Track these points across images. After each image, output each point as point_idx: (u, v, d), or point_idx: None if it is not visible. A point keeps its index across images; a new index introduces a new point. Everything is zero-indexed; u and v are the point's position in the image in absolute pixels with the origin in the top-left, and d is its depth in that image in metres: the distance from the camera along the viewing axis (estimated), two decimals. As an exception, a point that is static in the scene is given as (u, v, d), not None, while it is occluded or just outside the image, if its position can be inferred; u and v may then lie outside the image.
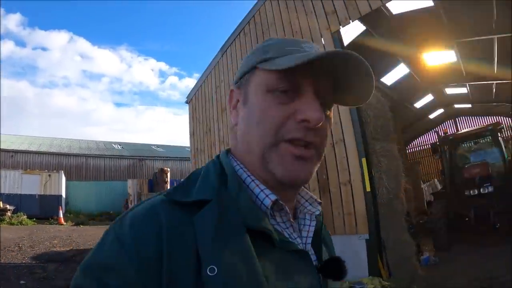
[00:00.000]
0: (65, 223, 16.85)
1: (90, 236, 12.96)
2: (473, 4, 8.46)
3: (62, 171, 20.12)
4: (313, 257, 0.73)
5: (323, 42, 6.29)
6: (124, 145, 30.78)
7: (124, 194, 21.02)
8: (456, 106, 19.67)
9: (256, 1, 7.86)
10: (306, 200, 0.78)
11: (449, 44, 10.91)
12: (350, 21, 5.85)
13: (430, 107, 18.25)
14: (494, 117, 22.42)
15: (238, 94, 0.75)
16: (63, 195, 19.35)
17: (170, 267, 0.54)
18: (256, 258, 0.57)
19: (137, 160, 27.28)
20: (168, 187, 21.87)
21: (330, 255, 0.80)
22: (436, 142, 10.90)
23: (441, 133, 11.74)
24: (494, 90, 15.91)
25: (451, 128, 22.30)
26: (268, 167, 0.67)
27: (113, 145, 30.09)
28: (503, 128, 10.49)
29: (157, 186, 21.24)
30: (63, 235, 12.74)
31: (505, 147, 9.81)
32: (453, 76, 13.83)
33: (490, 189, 7.90)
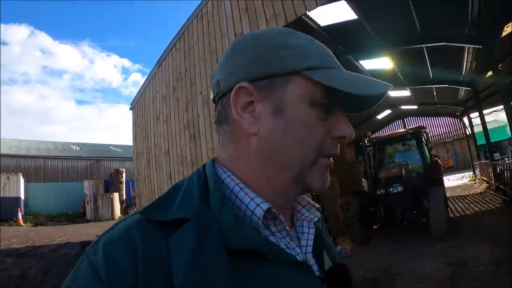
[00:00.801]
0: (24, 224, 17.26)
1: (46, 235, 13.62)
2: (393, 14, 9.05)
3: (20, 173, 20.34)
4: (315, 267, 0.69)
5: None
6: (82, 145, 31.06)
7: (82, 194, 21.39)
8: (403, 107, 20.55)
9: (185, 20, 8.65)
10: (303, 206, 0.74)
11: (380, 52, 11.59)
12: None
13: (377, 108, 18.78)
14: (442, 117, 23.82)
15: (258, 97, 0.64)
16: (22, 197, 19.61)
17: None
18: (239, 283, 0.53)
19: (94, 161, 27.69)
20: (124, 188, 22.66)
21: (333, 262, 0.77)
22: (360, 144, 11.76)
23: (366, 136, 12.49)
24: (435, 93, 16.85)
25: (399, 127, 23.67)
26: (304, 182, 0.66)
27: (71, 146, 30.33)
28: (425, 131, 11.27)
29: (112, 187, 22.06)
30: (21, 235, 13.39)
31: (430, 149, 10.71)
32: (391, 80, 13.88)
33: (400, 189, 8.56)
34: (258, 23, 6.62)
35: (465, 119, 20.08)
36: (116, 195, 20.44)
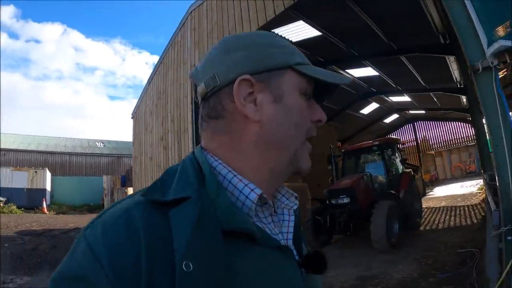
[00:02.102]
0: (47, 213, 20.42)
1: (62, 221, 16.66)
2: (352, 28, 9.66)
3: (47, 168, 23.81)
4: (294, 252, 0.75)
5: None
6: (106, 143, 34.32)
7: (103, 188, 24.65)
8: (412, 111, 21.31)
9: (164, 46, 10.69)
10: (283, 195, 0.80)
11: (360, 62, 12.35)
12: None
13: (381, 113, 20.10)
14: (452, 122, 24.01)
15: (259, 88, 0.72)
16: (48, 188, 23.06)
17: (150, 276, 0.53)
18: (232, 259, 0.58)
19: (115, 157, 31.02)
20: (137, 183, 25.40)
21: (308, 249, 0.84)
22: (330, 154, 12.09)
23: (335, 147, 12.95)
24: (435, 99, 17.53)
25: (409, 131, 24.80)
26: (297, 163, 0.76)
27: (96, 142, 33.67)
28: (397, 143, 12.01)
29: (129, 182, 24.76)
30: (42, 220, 16.48)
31: (402, 159, 11.34)
32: (383, 86, 15.27)
33: (346, 200, 9.00)
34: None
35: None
36: (130, 190, 22.81)
